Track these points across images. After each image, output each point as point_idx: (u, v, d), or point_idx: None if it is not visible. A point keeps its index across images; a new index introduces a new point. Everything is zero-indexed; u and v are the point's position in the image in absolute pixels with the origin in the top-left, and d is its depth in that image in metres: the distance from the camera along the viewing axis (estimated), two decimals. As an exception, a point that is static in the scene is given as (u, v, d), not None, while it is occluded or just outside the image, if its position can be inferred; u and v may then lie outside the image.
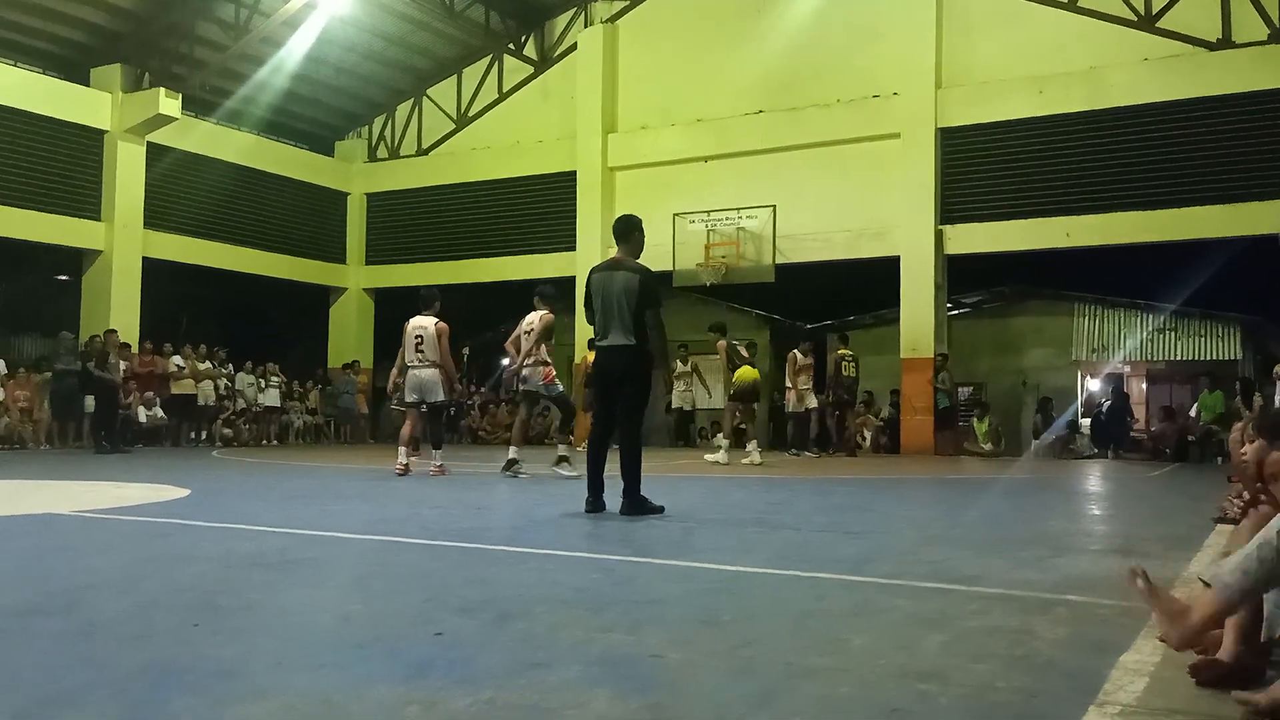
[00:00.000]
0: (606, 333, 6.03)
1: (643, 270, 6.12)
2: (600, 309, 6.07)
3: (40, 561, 4.25)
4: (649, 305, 6.00)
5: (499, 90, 20.13)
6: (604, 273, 6.14)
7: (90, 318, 16.95)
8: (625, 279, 6.02)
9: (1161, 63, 14.60)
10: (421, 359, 9.52)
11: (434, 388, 9.52)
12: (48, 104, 16.40)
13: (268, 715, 2.09)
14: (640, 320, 5.95)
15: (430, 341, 9.50)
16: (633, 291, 5.96)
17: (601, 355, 6.15)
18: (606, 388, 6.15)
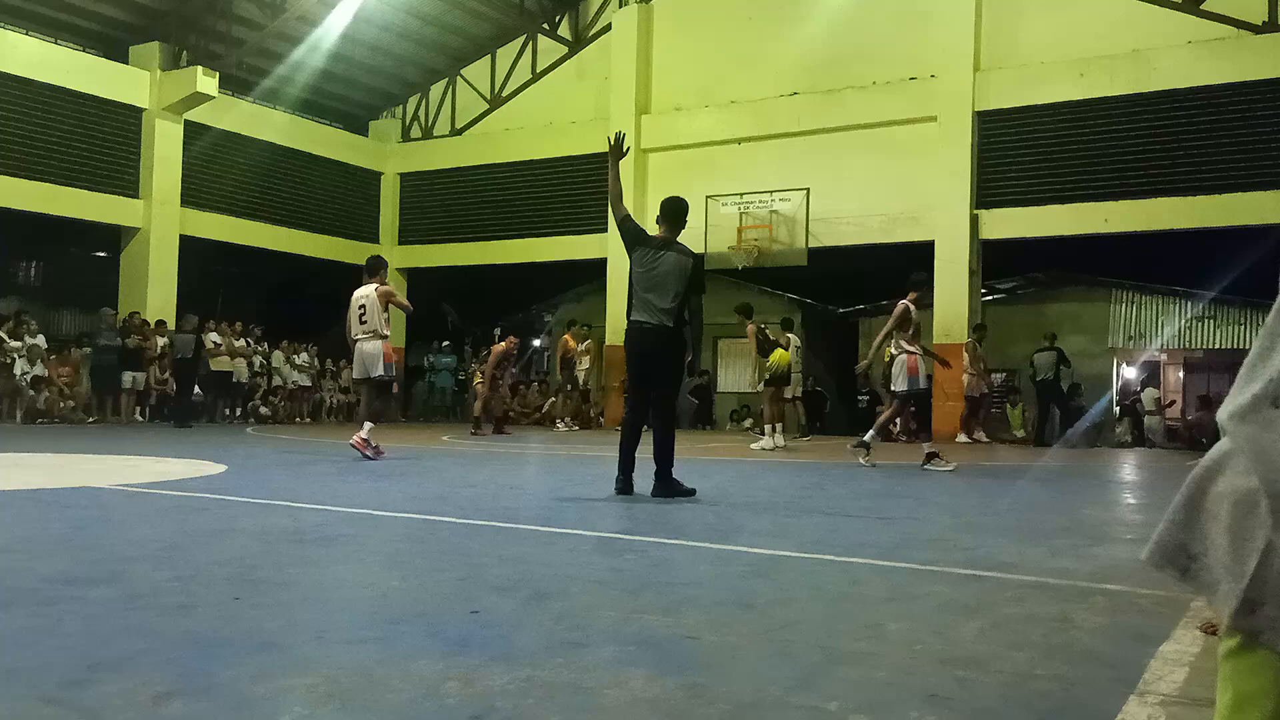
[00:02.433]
0: (645, 311, 5.91)
1: (694, 254, 6.08)
2: (643, 285, 5.92)
3: (84, 533, 4.33)
4: (696, 290, 5.95)
5: (533, 70, 20.11)
6: (656, 250, 5.98)
7: (128, 294, 17.20)
8: (678, 260, 5.92)
9: (1206, 45, 14.31)
10: (364, 330, 8.92)
11: (376, 360, 8.88)
12: (87, 81, 16.59)
13: (310, 687, 2.11)
14: (683, 303, 5.87)
15: (372, 309, 8.87)
16: (684, 274, 5.88)
17: (637, 334, 6.00)
18: (641, 367, 6.05)
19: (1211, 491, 0.87)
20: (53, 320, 18.41)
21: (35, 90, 15.97)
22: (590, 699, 2.08)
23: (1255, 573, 0.80)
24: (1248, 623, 0.80)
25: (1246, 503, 0.82)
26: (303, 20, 17.58)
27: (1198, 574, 0.87)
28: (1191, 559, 0.87)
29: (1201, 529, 0.87)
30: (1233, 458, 0.86)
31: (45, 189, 15.98)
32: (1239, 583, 0.81)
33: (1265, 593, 0.80)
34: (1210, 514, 0.86)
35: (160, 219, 17.34)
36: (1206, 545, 0.86)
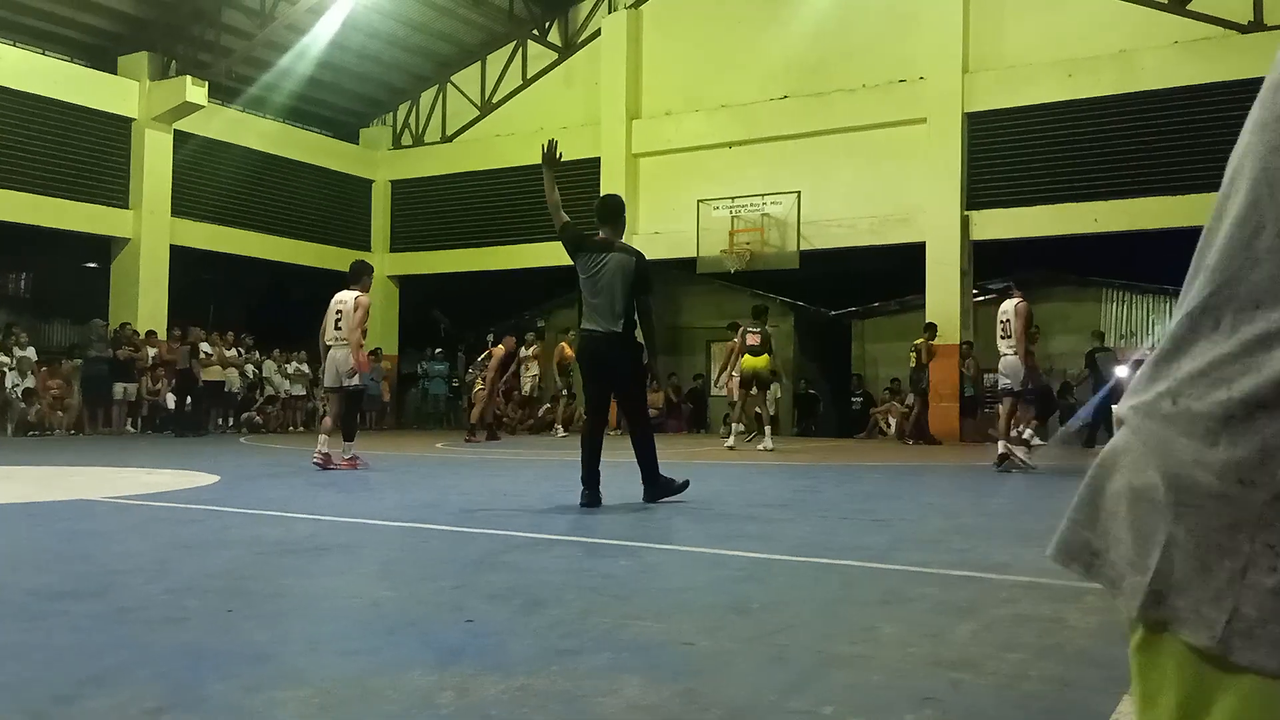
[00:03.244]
0: (594, 317, 5.72)
1: (637, 253, 5.84)
2: (589, 291, 5.73)
3: (74, 546, 4.31)
4: (643, 290, 5.72)
5: (523, 76, 20.12)
6: (596, 253, 5.76)
7: (119, 305, 17.13)
8: (621, 261, 5.69)
9: (1192, 45, 14.38)
10: (339, 337, 8.54)
11: (345, 371, 8.52)
12: (76, 92, 16.54)
13: (304, 700, 2.10)
14: (631, 305, 5.67)
15: (348, 316, 8.47)
16: (629, 275, 5.66)
17: (589, 341, 5.82)
18: (597, 374, 5.84)
19: (1110, 489, 0.88)
20: (43, 332, 18.33)
21: (23, 101, 15.91)
22: (585, 707, 2.08)
23: (1159, 566, 0.81)
24: (1155, 614, 0.81)
25: (1146, 498, 0.84)
26: (291, 29, 17.56)
27: (1101, 569, 0.87)
28: (1094, 555, 0.88)
29: (1103, 525, 0.88)
30: (1128, 454, 0.87)
31: (34, 200, 15.92)
32: (1144, 576, 0.82)
33: (1169, 584, 0.81)
34: (1110, 511, 0.87)
35: (150, 229, 17.28)
36: (1109, 541, 0.87)
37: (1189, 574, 0.80)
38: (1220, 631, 0.77)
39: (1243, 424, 0.79)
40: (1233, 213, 0.85)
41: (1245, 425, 0.78)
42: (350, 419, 8.94)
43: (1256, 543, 0.77)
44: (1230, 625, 0.77)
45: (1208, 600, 0.78)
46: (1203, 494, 0.80)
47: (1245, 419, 0.78)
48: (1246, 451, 0.78)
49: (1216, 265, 0.85)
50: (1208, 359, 0.83)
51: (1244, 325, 0.82)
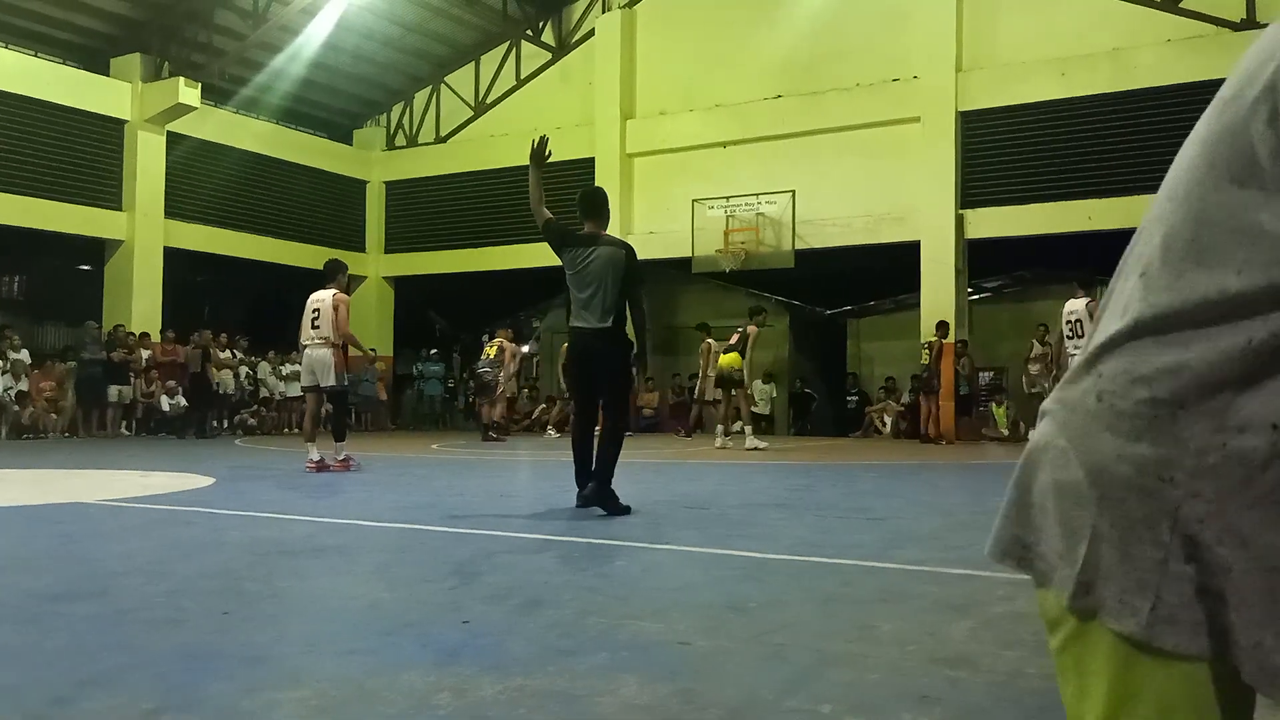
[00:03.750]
0: (583, 313, 5.53)
1: (626, 245, 5.70)
2: (576, 286, 5.55)
3: (71, 548, 4.30)
4: (634, 282, 5.55)
5: (517, 77, 20.11)
6: (582, 248, 5.58)
7: (113, 307, 17.09)
8: (609, 254, 5.51)
9: (1185, 43, 14.41)
10: (316, 337, 8.46)
11: (326, 369, 8.41)
12: (68, 94, 16.49)
13: (301, 700, 2.10)
14: (622, 299, 5.51)
15: (326, 316, 8.43)
16: (619, 269, 5.48)
17: (579, 337, 5.63)
18: (585, 371, 5.68)
19: (1037, 485, 0.92)
20: (36, 334, 18.27)
21: (15, 103, 15.84)
22: (583, 707, 2.08)
23: (1086, 557, 0.86)
24: (1083, 604, 0.86)
25: (1071, 493, 0.88)
26: (285, 29, 17.52)
27: (1032, 563, 0.92)
28: (1025, 549, 0.93)
29: (1032, 521, 0.92)
30: (1051, 450, 0.91)
31: (27, 202, 15.87)
32: (1072, 568, 0.87)
33: (1097, 575, 0.85)
34: (1038, 506, 0.91)
35: (144, 231, 17.24)
36: (1038, 536, 0.91)
37: (1114, 564, 0.85)
38: (1145, 618, 0.82)
39: (1165, 423, 0.84)
40: (1161, 230, 0.89)
41: (1167, 424, 0.83)
42: (339, 419, 8.89)
43: (1175, 535, 0.82)
44: (1154, 612, 0.82)
45: (1132, 589, 0.84)
46: (1125, 488, 0.85)
47: (1168, 418, 0.83)
48: (1167, 449, 0.83)
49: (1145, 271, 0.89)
50: (1132, 359, 0.87)
51: (1161, 318, 0.86)
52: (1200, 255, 0.84)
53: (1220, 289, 0.82)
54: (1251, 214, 0.82)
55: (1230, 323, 0.82)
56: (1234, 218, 0.83)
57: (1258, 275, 0.81)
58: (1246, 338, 0.81)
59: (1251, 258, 0.81)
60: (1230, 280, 0.82)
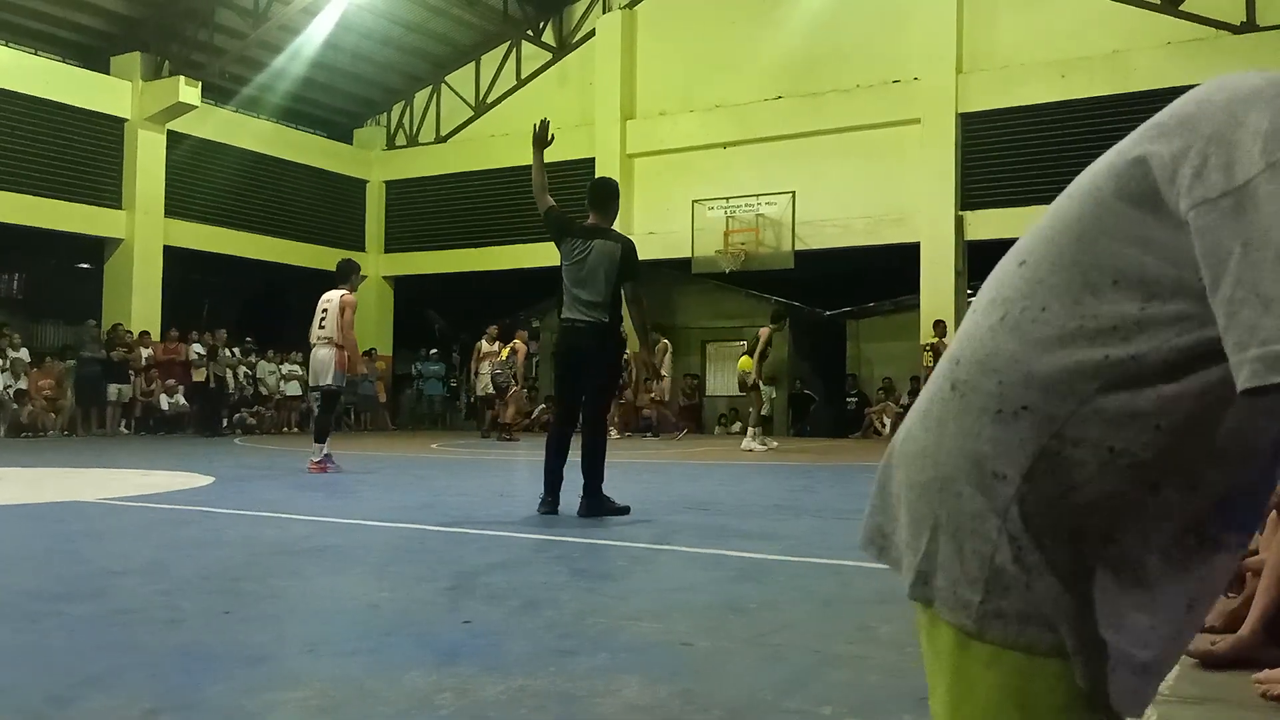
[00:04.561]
0: (577, 306, 5.36)
1: (624, 239, 5.48)
2: (571, 279, 5.37)
3: (68, 547, 4.29)
4: (630, 277, 5.36)
5: (517, 77, 20.11)
6: (581, 239, 5.39)
7: (112, 306, 17.09)
8: (605, 247, 5.33)
9: (1185, 46, 14.41)
10: (321, 336, 8.41)
11: (326, 369, 8.32)
12: (68, 92, 16.48)
13: (302, 701, 2.10)
14: (617, 295, 5.34)
15: (333, 315, 8.38)
16: (614, 261, 5.30)
17: (569, 332, 5.43)
18: (571, 368, 5.47)
19: (896, 475, 0.95)
20: (35, 333, 18.27)
21: (15, 102, 15.83)
22: (583, 708, 2.08)
23: (926, 548, 0.88)
24: (921, 594, 0.88)
25: (919, 484, 0.90)
26: (285, 29, 17.52)
27: (889, 551, 0.95)
28: (885, 538, 0.96)
29: (891, 510, 0.95)
30: (912, 440, 0.94)
31: (26, 201, 15.86)
32: (914, 557, 0.89)
33: (933, 566, 0.87)
34: (896, 495, 0.94)
35: (143, 230, 17.23)
36: (895, 526, 0.94)
37: (949, 556, 0.87)
38: (975, 611, 0.85)
39: (1008, 420, 0.85)
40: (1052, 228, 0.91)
41: (1010, 421, 0.85)
42: (324, 419, 8.71)
43: (1003, 532, 0.84)
44: (983, 605, 0.84)
45: (964, 582, 0.86)
46: (964, 481, 0.87)
47: (1010, 416, 0.85)
48: (1004, 447, 0.85)
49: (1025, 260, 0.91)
50: (990, 349, 0.89)
51: (1026, 324, 0.88)
52: (1085, 269, 0.86)
53: (1093, 307, 0.84)
54: (1133, 246, 0.84)
55: (1089, 339, 0.84)
56: (1116, 248, 0.84)
57: (1132, 302, 0.83)
58: (1104, 354, 0.83)
59: (1131, 286, 0.83)
60: (1105, 299, 0.84)
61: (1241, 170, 0.78)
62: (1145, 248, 0.83)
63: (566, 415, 5.56)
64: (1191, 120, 0.85)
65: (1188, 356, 0.82)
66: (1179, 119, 0.87)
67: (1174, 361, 0.82)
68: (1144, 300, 0.82)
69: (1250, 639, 2.37)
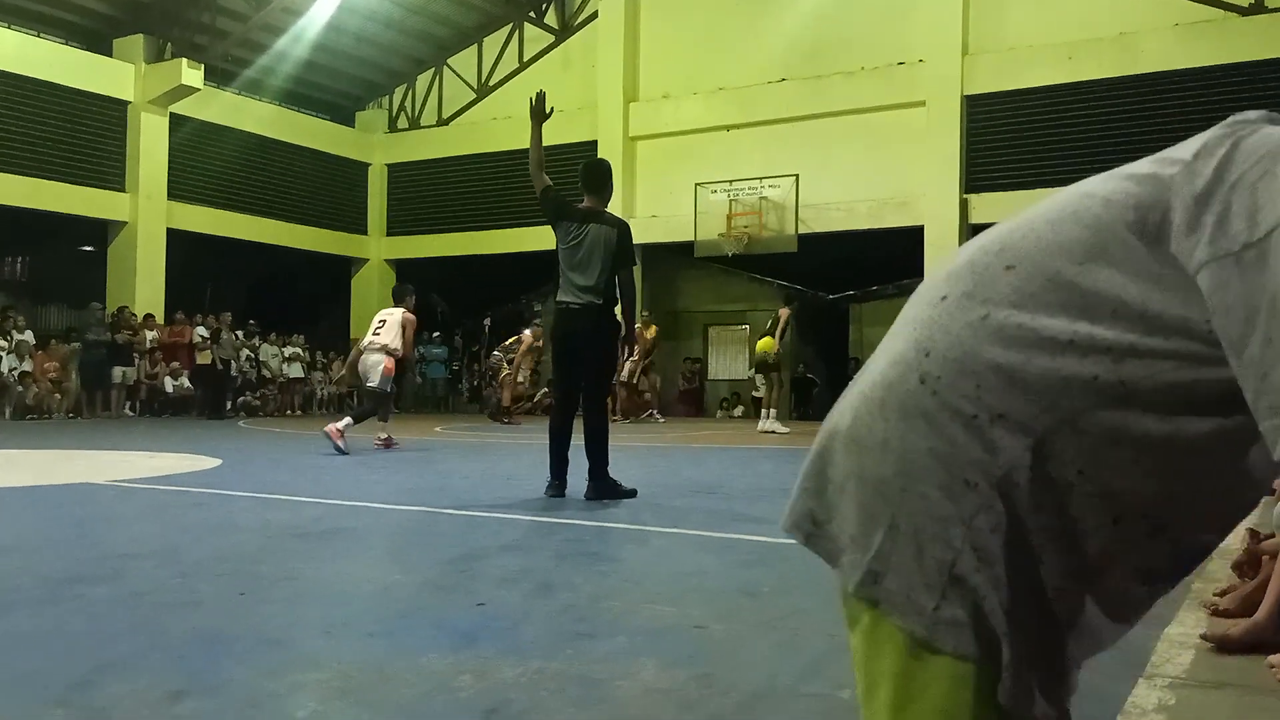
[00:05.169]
0: (572, 289, 5.36)
1: (620, 223, 5.49)
2: (566, 262, 5.37)
3: (82, 530, 4.31)
4: (624, 263, 5.36)
5: (519, 59, 20.02)
6: (577, 222, 5.38)
7: (116, 289, 17.09)
8: (601, 231, 5.34)
9: (1192, 28, 14.33)
10: (376, 343, 9.29)
11: (376, 371, 9.21)
12: (71, 75, 16.43)
13: (323, 683, 2.11)
14: (613, 278, 5.32)
15: (392, 328, 9.27)
16: (610, 245, 5.30)
17: (564, 316, 5.42)
18: (569, 352, 5.45)
19: (838, 463, 0.91)
20: (40, 315, 18.28)
21: (18, 85, 15.79)
22: (603, 691, 2.09)
23: (880, 547, 0.85)
24: (869, 592, 0.85)
25: (875, 480, 0.87)
26: (287, 11, 17.44)
27: (819, 540, 0.92)
28: (816, 525, 0.92)
29: (827, 499, 0.91)
30: (860, 430, 0.90)
31: (30, 184, 15.84)
32: (864, 554, 0.86)
33: (887, 566, 0.84)
34: (837, 485, 0.90)
35: (147, 213, 17.22)
36: (831, 514, 0.91)
37: (906, 559, 0.84)
38: (929, 617, 0.82)
39: (983, 426, 0.83)
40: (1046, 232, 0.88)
41: (985, 428, 0.83)
42: (367, 409, 9.79)
43: (966, 541, 0.82)
44: (937, 612, 0.82)
45: (920, 586, 0.83)
46: (929, 484, 0.84)
47: (987, 423, 0.83)
48: (978, 454, 0.82)
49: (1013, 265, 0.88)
50: (969, 346, 0.86)
51: (1012, 330, 0.85)
52: (1084, 294, 0.83)
53: (1087, 329, 0.82)
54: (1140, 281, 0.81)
55: (1079, 354, 0.81)
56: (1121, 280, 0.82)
57: (1131, 332, 0.81)
58: (1093, 374, 0.81)
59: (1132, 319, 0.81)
60: (1101, 325, 0.81)
61: (1265, 220, 0.76)
62: (1154, 285, 0.80)
63: (566, 399, 5.56)
64: (1219, 163, 0.83)
65: (1182, 395, 0.80)
66: (1205, 158, 0.85)
67: (1166, 396, 0.80)
68: (1144, 333, 0.80)
69: (1266, 623, 2.38)
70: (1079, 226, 0.86)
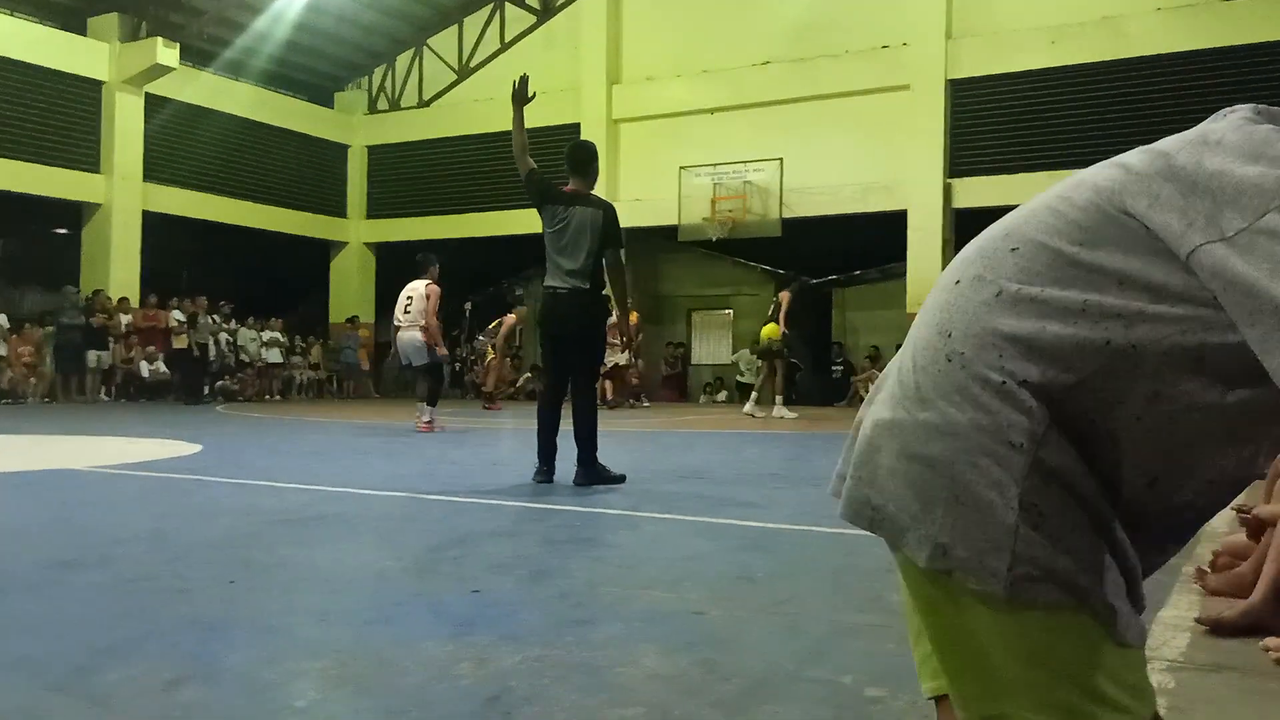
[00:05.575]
0: (559, 273, 5.31)
1: (606, 205, 5.43)
2: (552, 246, 5.33)
3: (68, 516, 4.26)
4: (611, 245, 5.32)
5: (501, 40, 19.86)
6: (563, 205, 5.34)
7: (91, 272, 16.87)
8: (586, 214, 5.29)
9: (1176, 12, 14.38)
10: (406, 321, 9.45)
11: (419, 351, 9.46)
12: (44, 54, 16.16)
13: (322, 671, 2.09)
14: (599, 262, 5.29)
15: (418, 302, 9.41)
16: (595, 228, 5.26)
17: (551, 300, 5.37)
18: (557, 337, 5.40)
19: (887, 449, 0.96)
20: (13, 299, 18.02)
21: (-10, 63, 15.55)
22: (605, 677, 2.08)
23: (942, 520, 0.91)
24: (943, 563, 0.91)
25: (924, 458, 0.93)
26: (265, -11, 17.23)
27: (882, 524, 0.97)
28: (875, 510, 0.97)
29: (882, 484, 0.96)
30: (901, 416, 0.96)
31: (2, 165, 15.57)
32: (930, 529, 0.91)
33: (954, 536, 0.90)
34: (889, 470, 0.95)
35: (122, 194, 16.99)
36: (888, 498, 0.96)
37: (970, 527, 0.90)
38: (1004, 577, 0.88)
39: (1013, 390, 0.90)
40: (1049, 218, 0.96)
41: (1016, 392, 0.90)
42: (434, 387, 9.80)
43: (1026, 499, 0.88)
44: (1011, 572, 0.88)
45: (989, 550, 0.89)
46: (979, 454, 0.90)
47: (1018, 387, 0.90)
48: (1016, 415, 0.89)
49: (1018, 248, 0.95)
50: (985, 323, 0.93)
51: (1025, 302, 0.92)
52: (1089, 270, 0.91)
53: (1096, 298, 0.89)
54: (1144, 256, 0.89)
55: (1092, 320, 0.89)
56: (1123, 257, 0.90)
57: (1138, 300, 0.88)
58: (1105, 338, 0.89)
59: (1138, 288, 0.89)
60: (1109, 295, 0.89)
61: (1253, 207, 0.84)
62: (1154, 259, 0.88)
63: (554, 384, 5.51)
64: (1208, 153, 0.90)
65: (1189, 358, 0.87)
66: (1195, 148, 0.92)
67: (1173, 358, 0.88)
68: (1150, 301, 0.88)
69: (1261, 605, 2.40)
70: (1074, 209, 0.94)
